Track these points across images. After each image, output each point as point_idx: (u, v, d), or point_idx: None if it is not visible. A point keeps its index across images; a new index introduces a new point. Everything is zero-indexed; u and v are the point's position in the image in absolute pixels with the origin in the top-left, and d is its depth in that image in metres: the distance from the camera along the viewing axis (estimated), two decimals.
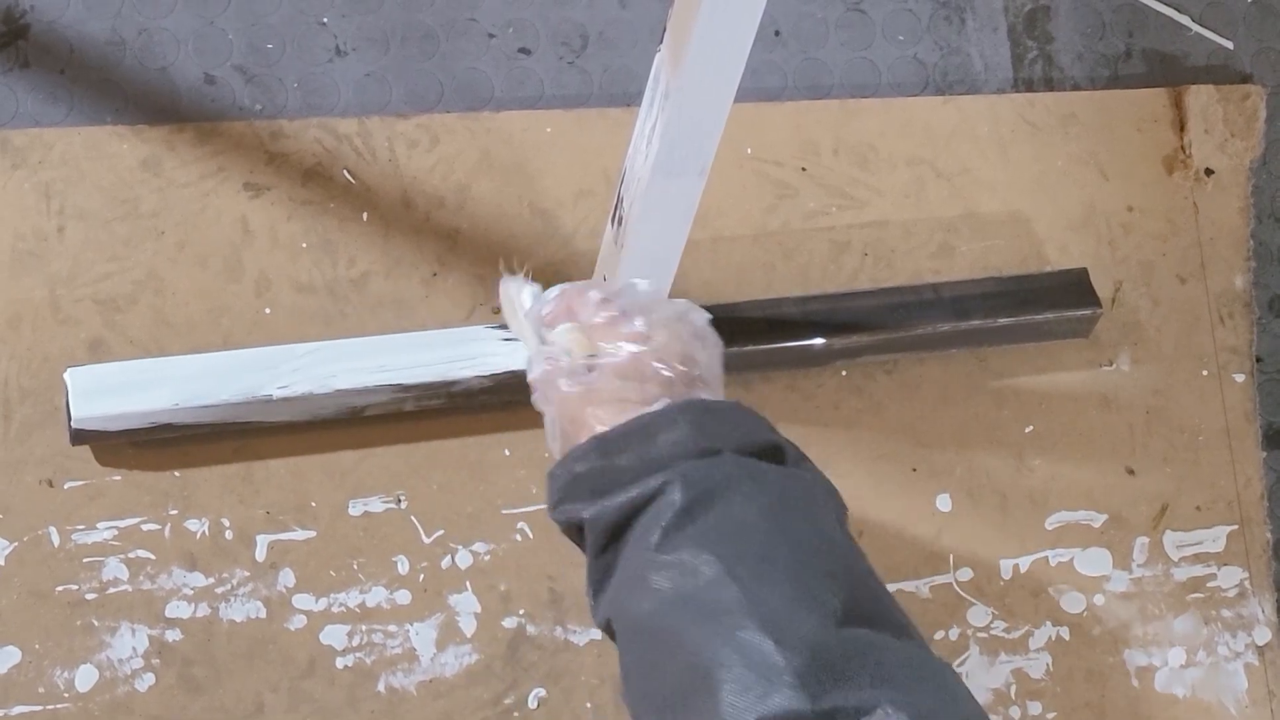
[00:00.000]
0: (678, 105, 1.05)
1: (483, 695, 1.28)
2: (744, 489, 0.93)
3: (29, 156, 1.31)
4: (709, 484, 0.93)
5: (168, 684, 1.24)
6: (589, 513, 0.97)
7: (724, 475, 0.94)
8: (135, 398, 1.23)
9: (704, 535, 0.91)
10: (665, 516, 0.92)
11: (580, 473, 0.99)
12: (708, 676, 0.83)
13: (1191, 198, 1.49)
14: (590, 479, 0.99)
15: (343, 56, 1.40)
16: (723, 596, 0.86)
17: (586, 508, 0.98)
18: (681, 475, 0.94)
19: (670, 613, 0.88)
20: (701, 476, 0.94)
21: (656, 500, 0.94)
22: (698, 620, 0.86)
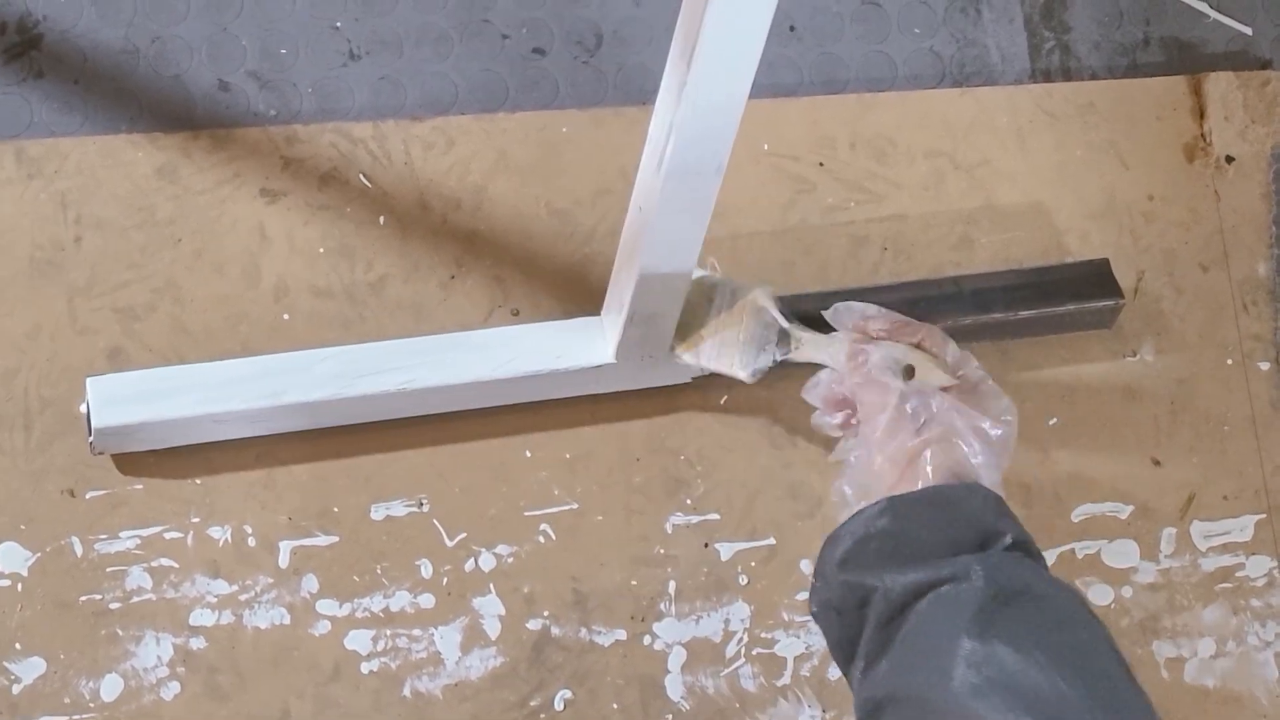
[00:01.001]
0: (692, 103, 1.05)
1: (509, 698, 1.27)
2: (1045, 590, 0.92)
3: (45, 166, 1.31)
4: (1017, 577, 0.91)
5: (193, 692, 1.24)
6: (881, 582, 0.94)
7: (1028, 569, 0.93)
8: (156, 406, 1.23)
9: (1017, 627, 0.89)
10: (972, 603, 0.90)
11: (872, 533, 0.96)
12: None
13: (1213, 185, 1.48)
14: (881, 542, 0.96)
15: (356, 60, 1.39)
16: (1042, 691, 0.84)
17: (876, 576, 0.94)
18: (986, 562, 0.91)
19: (981, 702, 0.85)
20: (1008, 568, 0.92)
21: (959, 583, 0.91)
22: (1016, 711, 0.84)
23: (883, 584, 0.93)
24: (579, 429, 1.32)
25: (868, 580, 0.94)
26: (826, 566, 0.98)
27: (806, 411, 1.24)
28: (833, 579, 0.97)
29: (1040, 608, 0.90)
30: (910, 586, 0.93)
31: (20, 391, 1.26)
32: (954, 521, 0.96)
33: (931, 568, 0.93)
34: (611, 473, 1.32)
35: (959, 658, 0.87)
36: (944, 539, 0.95)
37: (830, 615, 0.98)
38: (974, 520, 0.96)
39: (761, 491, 1.34)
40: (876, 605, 0.94)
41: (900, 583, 0.93)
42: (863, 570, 0.95)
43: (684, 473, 1.33)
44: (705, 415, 1.34)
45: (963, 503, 0.97)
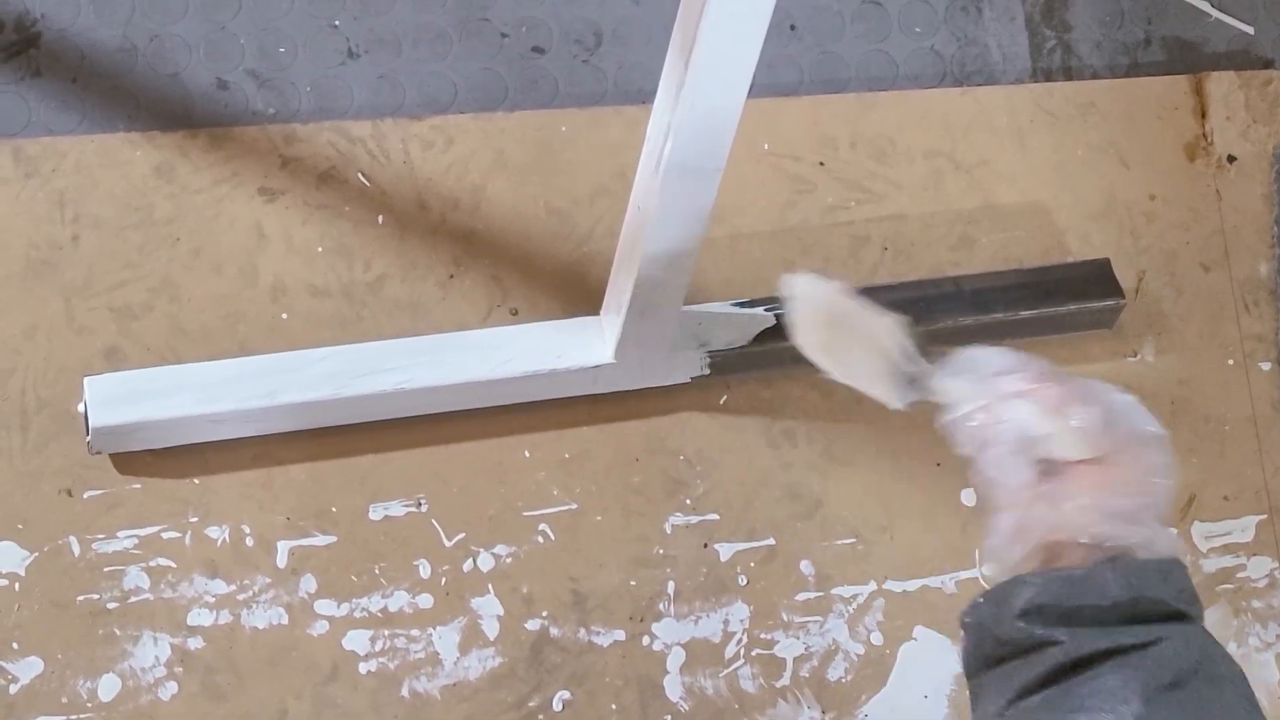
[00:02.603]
0: (690, 103, 1.05)
1: (507, 698, 1.27)
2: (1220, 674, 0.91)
3: (42, 165, 1.31)
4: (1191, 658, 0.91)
5: (190, 692, 1.23)
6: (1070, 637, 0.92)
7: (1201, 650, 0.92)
8: (154, 406, 1.22)
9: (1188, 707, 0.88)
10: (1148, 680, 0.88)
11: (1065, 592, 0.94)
12: None
13: (1214, 185, 1.48)
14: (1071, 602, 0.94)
15: (355, 59, 1.39)
16: None
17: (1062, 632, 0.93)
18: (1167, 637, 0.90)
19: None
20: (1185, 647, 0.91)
21: (1138, 654, 0.90)
22: None
23: (1070, 640, 0.93)
24: (578, 429, 1.32)
25: (1055, 634, 0.93)
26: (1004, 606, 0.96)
27: (802, 406, 1.24)
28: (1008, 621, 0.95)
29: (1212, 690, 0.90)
30: (1095, 650, 0.92)
31: (17, 391, 1.26)
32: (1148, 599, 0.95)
33: (1120, 633, 0.92)
34: (610, 473, 1.32)
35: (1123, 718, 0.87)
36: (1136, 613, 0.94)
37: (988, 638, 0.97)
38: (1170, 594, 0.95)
39: (760, 492, 1.34)
40: (1053, 657, 0.93)
41: (1086, 646, 0.92)
42: (1046, 624, 0.94)
43: (683, 473, 1.33)
44: (704, 416, 1.34)
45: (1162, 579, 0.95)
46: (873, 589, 1.34)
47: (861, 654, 1.32)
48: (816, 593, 1.33)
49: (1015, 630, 0.95)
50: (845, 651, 1.32)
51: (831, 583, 1.33)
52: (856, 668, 1.32)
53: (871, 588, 1.34)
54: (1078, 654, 0.92)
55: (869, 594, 1.34)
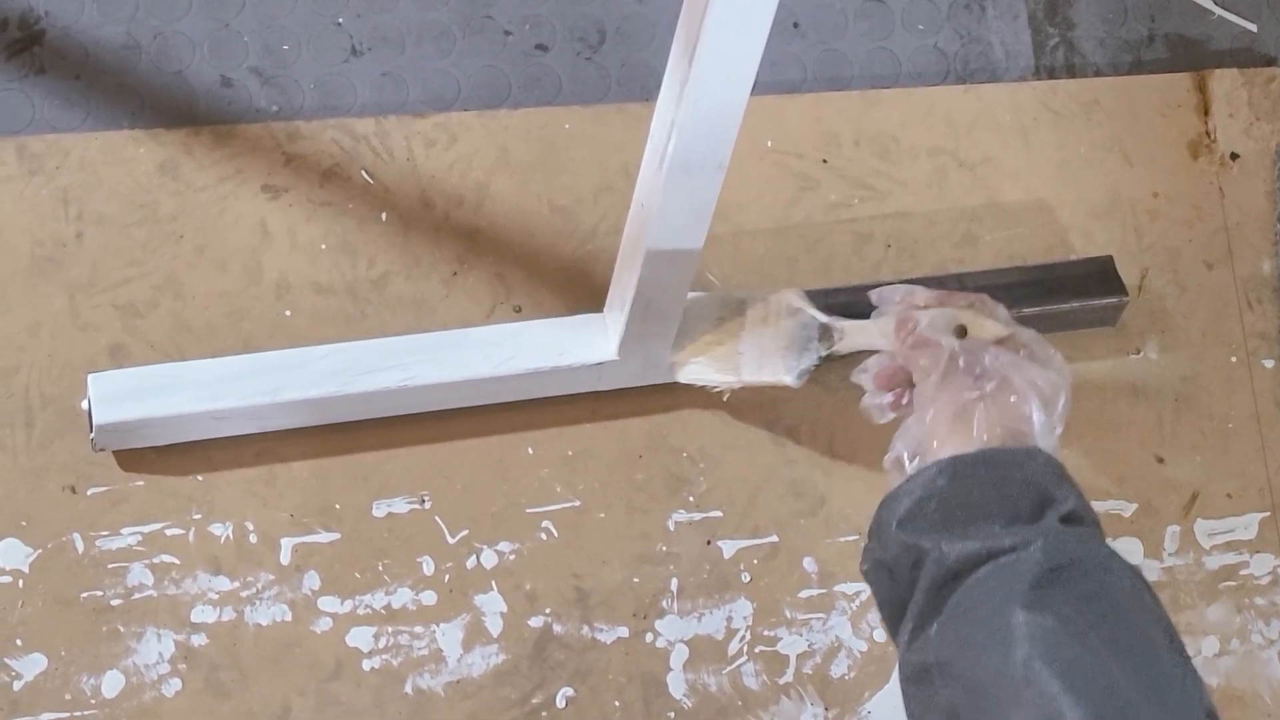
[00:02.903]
0: (694, 101, 1.05)
1: (510, 695, 1.27)
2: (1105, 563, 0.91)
3: (46, 163, 1.31)
4: (1075, 551, 0.91)
5: (194, 689, 1.24)
6: (936, 547, 0.93)
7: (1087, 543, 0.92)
8: (157, 403, 1.23)
9: (1072, 603, 0.88)
10: (1029, 575, 0.89)
11: (931, 494, 0.96)
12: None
13: (1217, 182, 1.48)
14: (940, 503, 0.95)
15: (359, 56, 1.39)
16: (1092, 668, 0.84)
17: (933, 540, 0.94)
18: (1044, 534, 0.91)
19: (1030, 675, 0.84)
20: (1067, 541, 0.91)
21: (1016, 554, 0.91)
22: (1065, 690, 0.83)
23: (939, 549, 0.93)
24: (581, 426, 1.32)
25: (924, 543, 0.94)
26: (882, 526, 0.98)
27: (804, 404, 1.24)
28: (888, 539, 0.96)
29: (1097, 584, 0.89)
30: (967, 554, 0.92)
31: (21, 388, 1.26)
32: (1013, 485, 0.95)
33: (990, 537, 0.92)
34: (613, 470, 1.32)
35: (1011, 630, 0.86)
36: (1003, 503, 0.94)
37: (883, 574, 0.98)
38: (1033, 485, 0.95)
39: (763, 489, 1.34)
40: (930, 569, 0.93)
41: (957, 550, 0.92)
42: (919, 532, 0.94)
43: (686, 470, 1.33)
44: (707, 412, 1.34)
45: (1023, 466, 0.96)
46: None
47: (864, 651, 1.33)
48: (819, 590, 1.33)
49: (897, 547, 0.95)
50: (848, 648, 1.32)
51: (835, 580, 1.33)
52: (859, 665, 1.32)
53: None
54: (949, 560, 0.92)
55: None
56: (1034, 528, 0.93)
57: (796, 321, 1.22)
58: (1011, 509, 0.94)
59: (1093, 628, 0.86)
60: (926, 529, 0.95)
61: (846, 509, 1.35)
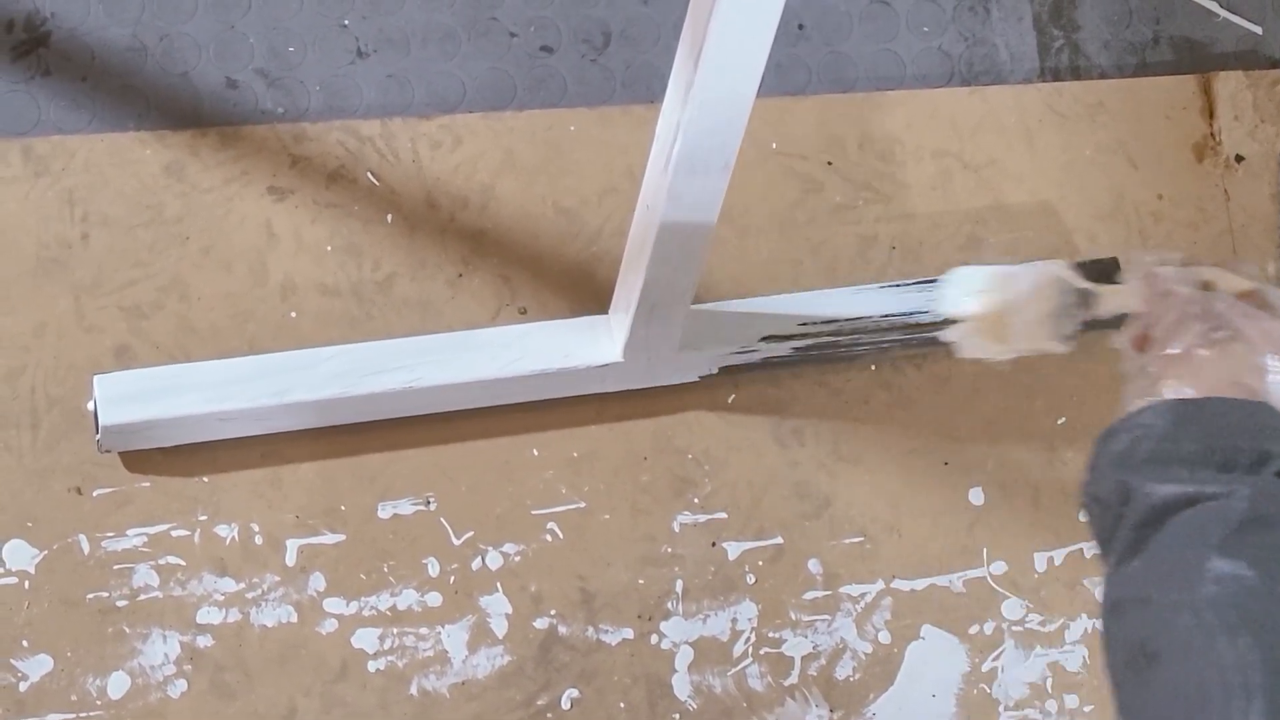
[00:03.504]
0: (699, 103, 1.05)
1: (515, 697, 1.27)
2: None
3: (52, 164, 1.31)
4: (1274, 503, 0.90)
5: (200, 690, 1.24)
6: (1146, 487, 0.93)
7: None
8: (163, 404, 1.23)
9: (1268, 553, 0.87)
10: (1231, 521, 0.88)
11: (1149, 433, 0.96)
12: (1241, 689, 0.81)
13: (1222, 185, 1.48)
14: (1156, 443, 0.95)
15: (364, 58, 1.39)
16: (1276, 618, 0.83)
17: (1141, 479, 0.94)
18: (1254, 485, 0.90)
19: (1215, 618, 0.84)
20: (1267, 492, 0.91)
21: (1219, 500, 0.90)
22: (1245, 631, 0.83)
23: (1146, 487, 0.93)
24: (586, 428, 1.32)
25: (1133, 481, 0.94)
26: (1100, 460, 0.97)
27: (809, 404, 1.24)
28: (1102, 473, 0.96)
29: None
30: (1174, 495, 0.92)
31: (27, 390, 1.26)
32: (1233, 434, 0.94)
33: (1200, 481, 0.92)
34: (618, 472, 1.32)
35: (1205, 572, 0.86)
36: (1220, 451, 0.93)
37: (1095, 507, 0.98)
38: (1254, 437, 0.94)
39: (768, 491, 1.34)
40: (1136, 506, 0.93)
41: (1163, 490, 0.92)
42: (1131, 470, 0.94)
43: (691, 472, 1.33)
44: (712, 414, 1.34)
45: (1246, 417, 0.95)
46: (880, 588, 1.34)
47: (869, 653, 1.33)
48: (824, 591, 1.33)
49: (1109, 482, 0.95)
50: (853, 650, 1.32)
51: (839, 581, 1.33)
52: (864, 666, 1.32)
53: (879, 586, 1.34)
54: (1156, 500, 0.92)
55: (877, 593, 1.34)
56: (1246, 479, 0.92)
57: (1059, 290, 1.21)
58: (1227, 458, 0.93)
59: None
60: (1138, 468, 0.94)
61: (851, 511, 1.35)
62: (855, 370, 1.37)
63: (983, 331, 1.21)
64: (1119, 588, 0.93)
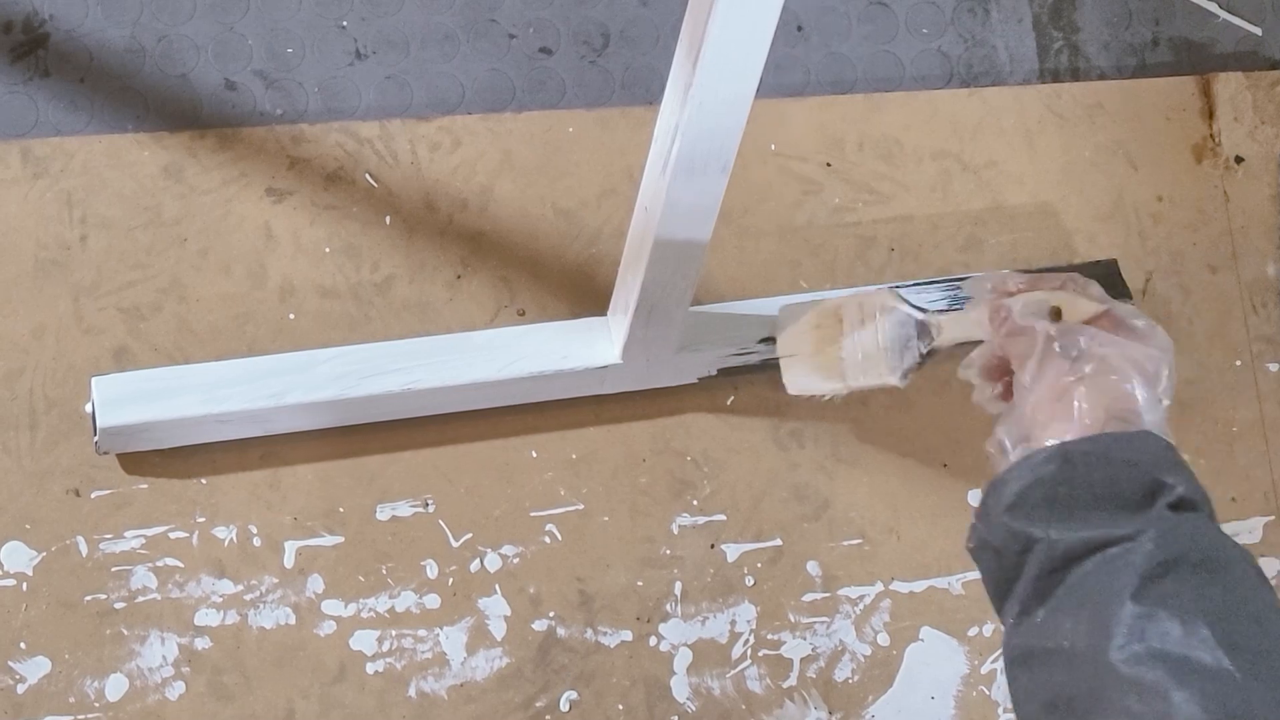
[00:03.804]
0: (697, 104, 1.05)
1: (514, 699, 1.27)
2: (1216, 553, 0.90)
3: (50, 166, 1.31)
4: (1184, 542, 0.89)
5: (198, 692, 1.24)
6: (1046, 534, 0.92)
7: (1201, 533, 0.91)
8: (161, 406, 1.23)
9: (1185, 596, 0.86)
10: (1139, 566, 0.87)
11: (1040, 479, 0.95)
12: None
13: (1222, 186, 1.48)
14: (1048, 489, 0.94)
15: (363, 60, 1.39)
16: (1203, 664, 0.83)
17: (1042, 527, 0.93)
18: (1157, 525, 0.90)
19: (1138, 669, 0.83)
20: (1181, 531, 0.90)
21: (1127, 545, 0.89)
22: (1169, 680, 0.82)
23: (1048, 536, 0.92)
24: (584, 430, 1.32)
25: (1033, 531, 0.93)
26: (989, 511, 0.96)
27: (808, 407, 1.24)
28: (995, 522, 0.95)
29: (1209, 576, 0.87)
30: (1077, 543, 0.91)
31: (25, 391, 1.26)
32: (1123, 470, 0.93)
33: (1100, 525, 0.91)
34: (617, 474, 1.32)
35: (1120, 622, 0.85)
36: (1112, 489, 0.92)
37: (989, 555, 0.97)
38: (1144, 470, 0.94)
39: (767, 493, 1.34)
40: (1039, 555, 0.92)
41: (1066, 539, 0.91)
42: (1027, 519, 0.93)
43: (690, 474, 1.33)
44: (711, 416, 1.34)
45: (1134, 451, 0.94)
46: (879, 590, 1.34)
47: (868, 655, 1.32)
48: (823, 593, 1.33)
49: (1004, 532, 0.94)
50: (852, 652, 1.32)
51: (838, 583, 1.33)
52: (863, 668, 1.32)
53: (878, 588, 1.34)
54: (1058, 550, 0.91)
55: (876, 595, 1.34)
56: (1144, 516, 0.91)
57: (894, 320, 1.19)
58: (1121, 495, 0.92)
59: (1204, 621, 0.84)
60: (1034, 516, 0.94)
61: (850, 513, 1.35)
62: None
63: (813, 369, 1.19)
64: (1026, 638, 0.92)
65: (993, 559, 0.96)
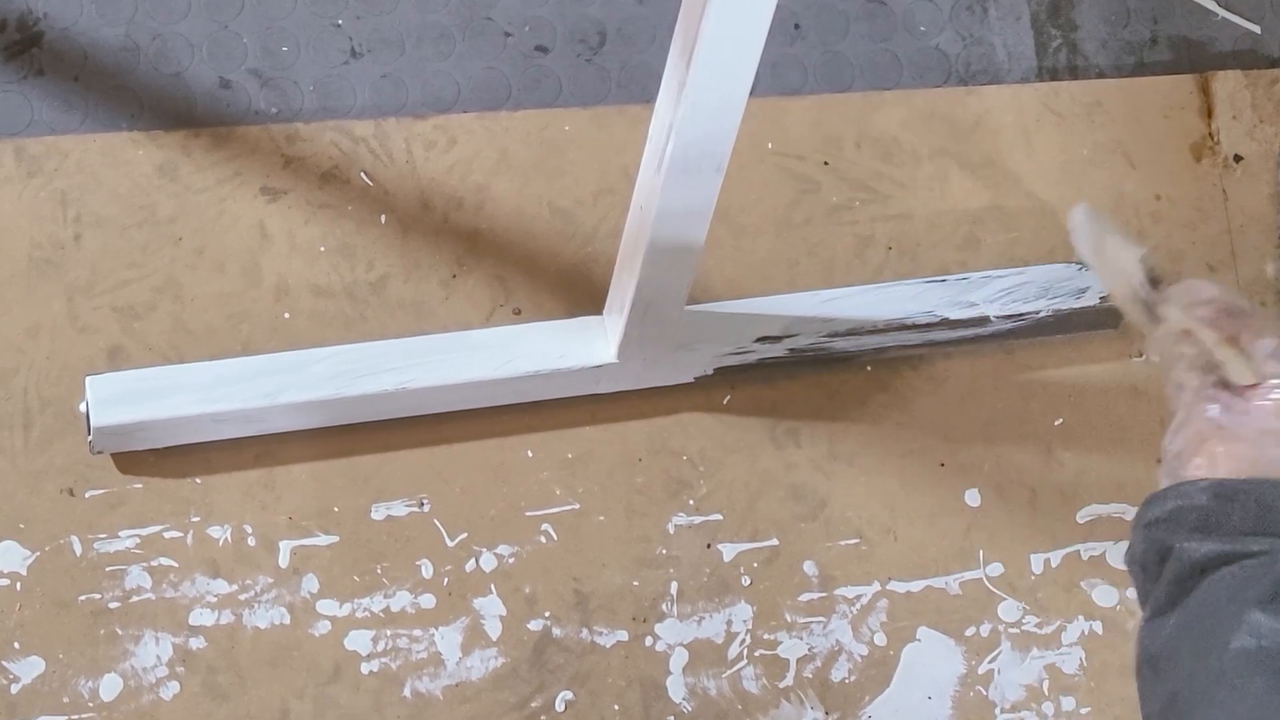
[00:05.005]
0: (692, 103, 1.04)
1: (509, 699, 1.27)
2: None
3: (45, 164, 1.31)
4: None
5: (192, 692, 1.23)
6: (1185, 545, 0.94)
7: None
8: (156, 405, 1.22)
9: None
10: (1269, 578, 0.89)
11: (1188, 506, 0.96)
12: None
13: (1220, 185, 1.47)
14: (1197, 515, 0.96)
15: (358, 58, 1.39)
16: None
17: (1182, 539, 0.94)
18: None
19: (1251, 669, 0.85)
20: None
21: (1261, 558, 0.91)
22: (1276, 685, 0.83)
23: (1185, 545, 0.93)
24: (580, 429, 1.32)
25: (1171, 540, 0.94)
26: (1139, 524, 0.99)
27: (806, 406, 1.24)
28: (1141, 535, 0.97)
29: None
30: (1212, 553, 0.93)
31: (19, 390, 1.26)
32: (1273, 511, 0.95)
33: (1239, 542, 0.92)
34: (613, 473, 1.32)
35: (1242, 624, 0.86)
36: (1260, 525, 0.94)
37: (1135, 569, 0.99)
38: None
39: (764, 492, 1.33)
40: (1174, 563, 0.94)
41: (1201, 549, 0.93)
42: (1170, 532, 0.95)
43: (686, 473, 1.33)
44: (707, 416, 1.34)
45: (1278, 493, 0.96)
46: (876, 589, 1.34)
47: (865, 655, 1.32)
48: (820, 593, 1.33)
49: (1145, 543, 0.96)
50: (849, 652, 1.32)
51: (835, 583, 1.33)
52: (860, 668, 1.32)
53: (875, 588, 1.34)
54: (1195, 557, 0.92)
55: (872, 594, 1.34)
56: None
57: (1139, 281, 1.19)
58: (1268, 529, 0.94)
59: None
60: (1178, 530, 0.95)
61: (846, 512, 1.34)
62: (851, 371, 1.37)
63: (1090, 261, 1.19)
64: (1152, 642, 0.94)
65: (1139, 572, 0.98)
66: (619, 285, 1.24)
